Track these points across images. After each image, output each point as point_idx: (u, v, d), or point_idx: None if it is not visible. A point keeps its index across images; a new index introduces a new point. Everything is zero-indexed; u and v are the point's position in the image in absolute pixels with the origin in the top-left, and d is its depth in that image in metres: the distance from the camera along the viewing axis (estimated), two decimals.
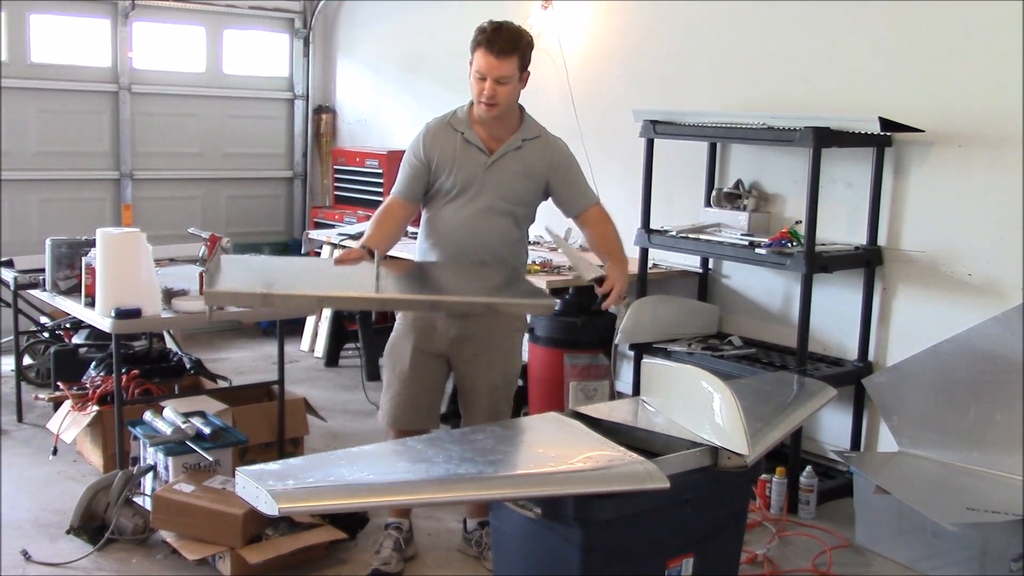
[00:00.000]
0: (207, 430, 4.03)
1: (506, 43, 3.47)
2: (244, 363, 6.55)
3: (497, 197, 3.55)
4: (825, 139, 4.20)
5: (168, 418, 4.11)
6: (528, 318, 3.98)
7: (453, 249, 3.59)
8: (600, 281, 3.55)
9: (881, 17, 4.47)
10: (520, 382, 5.41)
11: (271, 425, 4.60)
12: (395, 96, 7.35)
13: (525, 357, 5.11)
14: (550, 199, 3.70)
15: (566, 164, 3.65)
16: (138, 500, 3.93)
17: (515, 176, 3.57)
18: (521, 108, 3.65)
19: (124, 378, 4.42)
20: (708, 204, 5.06)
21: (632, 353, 5.05)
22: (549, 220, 4.11)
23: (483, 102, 3.50)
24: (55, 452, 4.63)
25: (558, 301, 3.45)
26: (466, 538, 3.89)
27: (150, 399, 4.45)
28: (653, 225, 4.97)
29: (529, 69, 3.57)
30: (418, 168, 3.59)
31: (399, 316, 3.73)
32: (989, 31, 4.11)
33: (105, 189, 7.12)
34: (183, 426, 4.02)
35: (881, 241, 4.49)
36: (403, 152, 3.72)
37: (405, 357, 3.64)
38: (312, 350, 6.82)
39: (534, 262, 5.18)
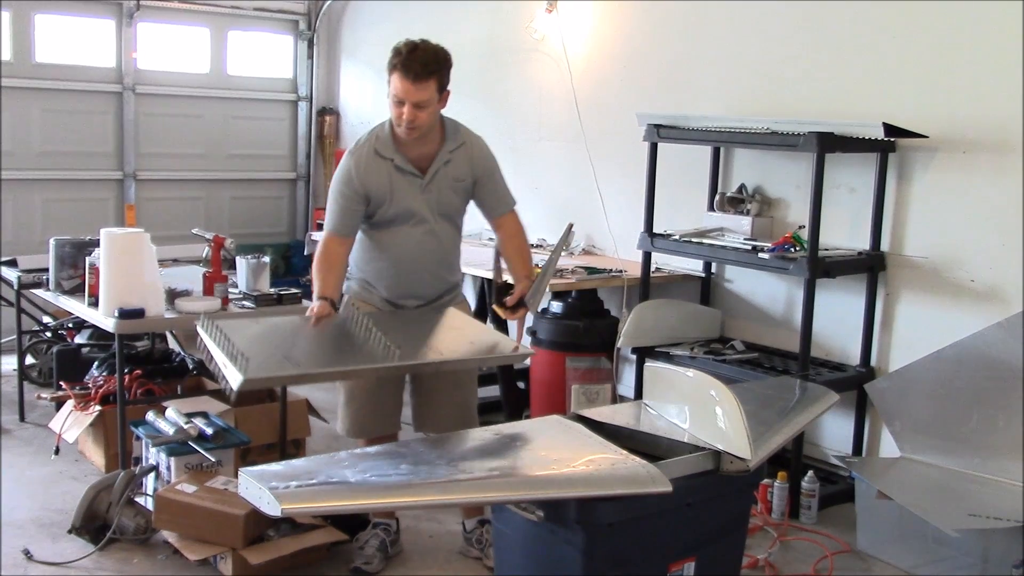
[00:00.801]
0: (209, 431, 4.03)
1: (422, 67, 3.35)
2: None
3: (438, 214, 3.59)
4: (829, 144, 4.20)
5: (170, 418, 4.11)
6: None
7: (403, 266, 3.63)
8: (508, 291, 3.63)
9: (885, 23, 4.47)
10: (521, 385, 5.45)
11: (273, 426, 4.60)
12: None
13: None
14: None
15: (489, 170, 3.65)
16: (140, 500, 3.94)
17: (450, 189, 3.59)
18: (441, 117, 3.59)
19: (127, 378, 4.42)
20: (711, 208, 5.06)
21: (634, 357, 5.04)
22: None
23: (403, 127, 3.44)
24: (57, 452, 4.64)
25: (534, 352, 3.49)
26: (467, 538, 3.89)
27: (152, 399, 4.46)
28: (656, 229, 4.97)
29: (449, 88, 3.48)
30: (352, 201, 3.53)
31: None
32: (993, 37, 4.11)
33: (108, 189, 7.13)
34: (185, 426, 4.02)
35: (884, 246, 4.49)
36: None
37: (371, 372, 3.63)
38: None
39: (536, 265, 5.17)
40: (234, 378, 2.91)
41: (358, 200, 3.53)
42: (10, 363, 5.76)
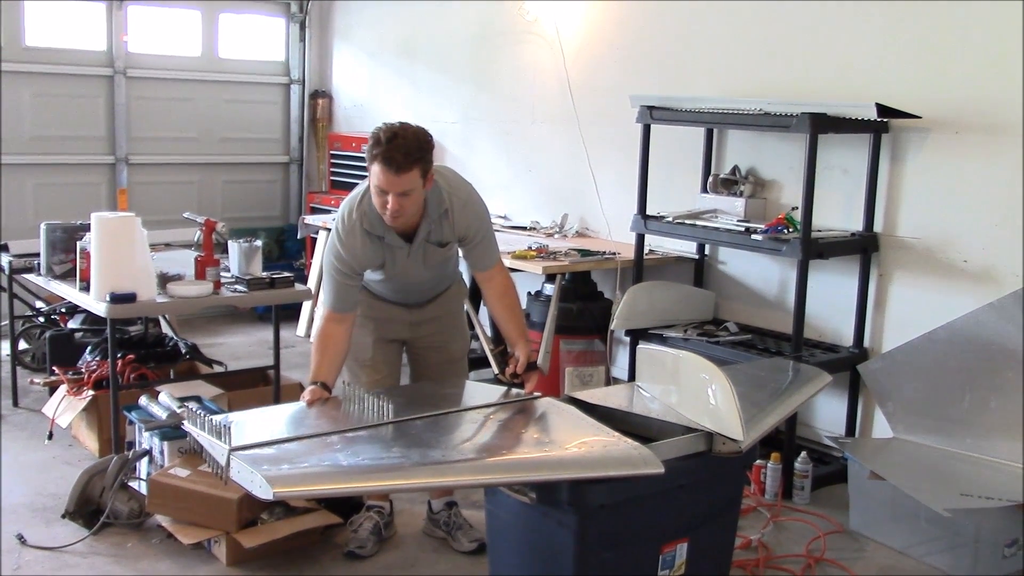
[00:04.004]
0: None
1: (404, 157, 3.16)
2: (240, 348, 6.54)
3: (424, 268, 3.54)
4: (822, 125, 4.19)
5: (164, 403, 4.11)
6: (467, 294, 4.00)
7: (398, 293, 3.65)
8: (507, 357, 3.51)
9: (878, 3, 4.45)
10: None
11: None
12: (391, 81, 7.33)
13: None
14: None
15: (473, 232, 3.50)
16: (133, 484, 3.94)
17: (435, 251, 3.50)
18: None
19: (119, 363, 4.42)
20: (704, 190, 5.05)
21: (628, 339, 5.05)
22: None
23: (387, 216, 3.28)
24: (50, 436, 4.64)
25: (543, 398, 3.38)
26: (433, 520, 3.90)
27: (145, 384, 4.45)
28: (649, 211, 4.96)
29: (433, 170, 3.31)
30: (348, 278, 3.44)
31: None
32: (987, 18, 4.10)
33: (100, 174, 7.10)
34: (178, 411, 4.01)
35: (877, 227, 4.48)
36: None
37: (367, 346, 3.66)
38: (308, 335, 6.81)
39: (530, 248, 5.19)
40: (220, 452, 2.72)
41: (353, 276, 3.45)
42: (3, 348, 5.76)
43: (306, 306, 6.89)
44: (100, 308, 4.12)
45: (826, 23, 4.67)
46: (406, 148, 3.17)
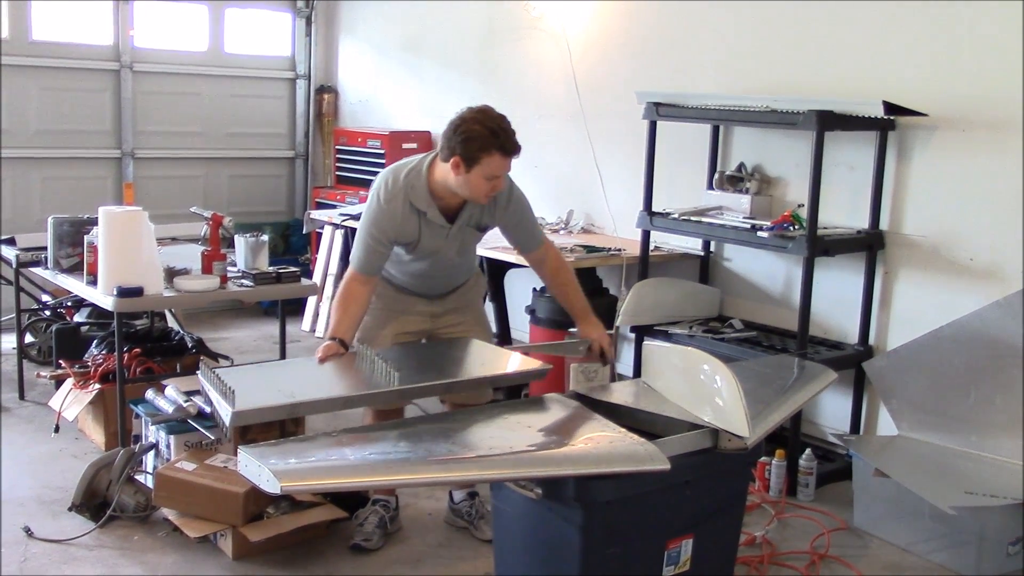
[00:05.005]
0: (208, 409, 4.03)
1: (515, 141, 3.44)
2: (246, 342, 6.56)
3: (457, 252, 3.66)
4: (828, 122, 4.18)
5: (170, 396, 4.12)
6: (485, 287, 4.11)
7: (419, 280, 3.72)
8: (588, 348, 3.70)
9: (886, 1, 4.45)
10: None
11: None
12: (397, 76, 7.33)
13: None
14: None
15: (515, 216, 3.67)
16: (140, 478, 3.95)
17: (471, 234, 3.67)
18: None
19: (126, 356, 4.43)
20: (710, 187, 5.05)
21: (633, 335, 5.05)
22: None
23: (489, 195, 3.49)
24: (57, 430, 4.65)
25: (550, 367, 3.53)
26: (454, 510, 3.93)
27: (152, 378, 4.46)
28: (655, 207, 4.96)
29: None
30: (381, 244, 3.54)
31: (373, 300, 3.74)
32: (994, 16, 4.10)
33: (106, 168, 7.10)
34: (185, 405, 4.03)
35: (883, 225, 4.48)
36: (405, 132, 3.71)
37: (386, 339, 3.69)
38: (313, 330, 6.83)
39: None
40: (225, 413, 2.91)
41: (386, 244, 3.55)
42: (9, 342, 5.77)
43: (311, 301, 6.90)
44: (107, 302, 4.13)
45: (833, 20, 4.66)
46: (513, 132, 3.43)
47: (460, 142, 3.36)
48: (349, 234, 6.10)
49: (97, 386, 4.54)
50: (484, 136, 3.36)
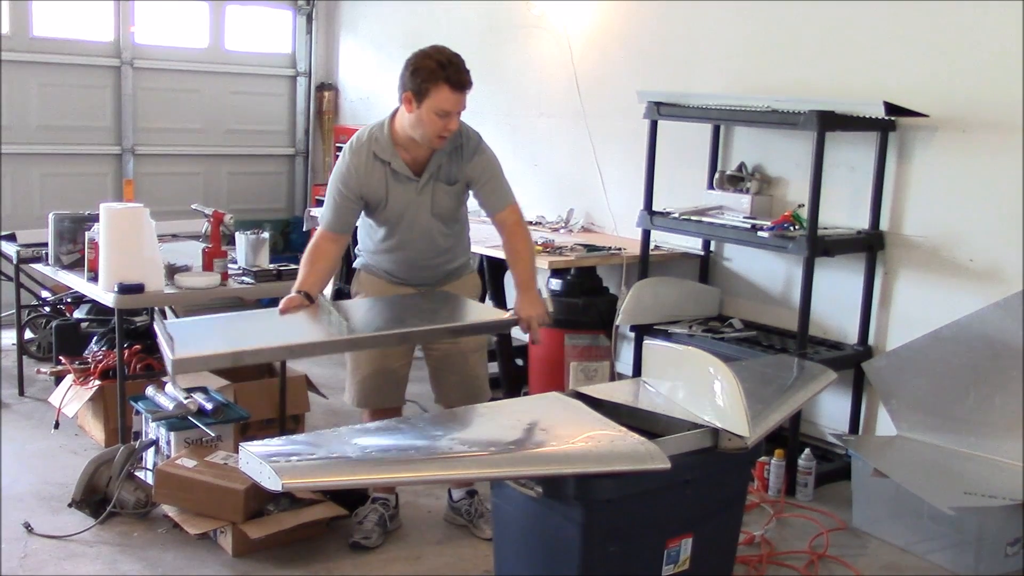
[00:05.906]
0: (209, 406, 4.04)
1: (467, 75, 3.42)
2: None
3: (433, 215, 3.60)
4: (829, 123, 4.19)
5: (170, 393, 4.13)
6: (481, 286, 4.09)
7: (400, 262, 3.68)
8: (515, 321, 3.60)
9: (887, 2, 4.45)
10: (520, 362, 5.46)
11: (272, 402, 4.61)
12: (397, 74, 7.28)
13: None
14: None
15: (484, 173, 3.61)
16: (140, 475, 3.95)
17: (444, 193, 3.60)
18: None
19: (126, 353, 4.43)
20: (711, 187, 5.05)
21: (633, 334, 5.05)
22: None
23: (442, 136, 3.45)
24: (57, 426, 4.66)
25: (514, 317, 3.53)
26: (454, 508, 3.93)
27: (152, 374, 4.46)
28: (656, 207, 4.96)
29: None
30: (348, 200, 3.55)
31: (361, 295, 3.75)
32: (994, 16, 4.10)
33: (107, 164, 7.10)
34: (185, 401, 4.03)
35: (883, 226, 4.49)
36: None
37: None
38: None
39: (536, 243, 5.18)
40: (168, 361, 2.99)
41: (354, 200, 3.55)
42: (9, 337, 5.76)
43: None
44: (108, 298, 4.13)
45: (834, 21, 4.66)
46: (464, 67, 3.41)
47: (410, 75, 3.42)
48: None
49: (97, 382, 4.55)
50: (432, 68, 3.38)
